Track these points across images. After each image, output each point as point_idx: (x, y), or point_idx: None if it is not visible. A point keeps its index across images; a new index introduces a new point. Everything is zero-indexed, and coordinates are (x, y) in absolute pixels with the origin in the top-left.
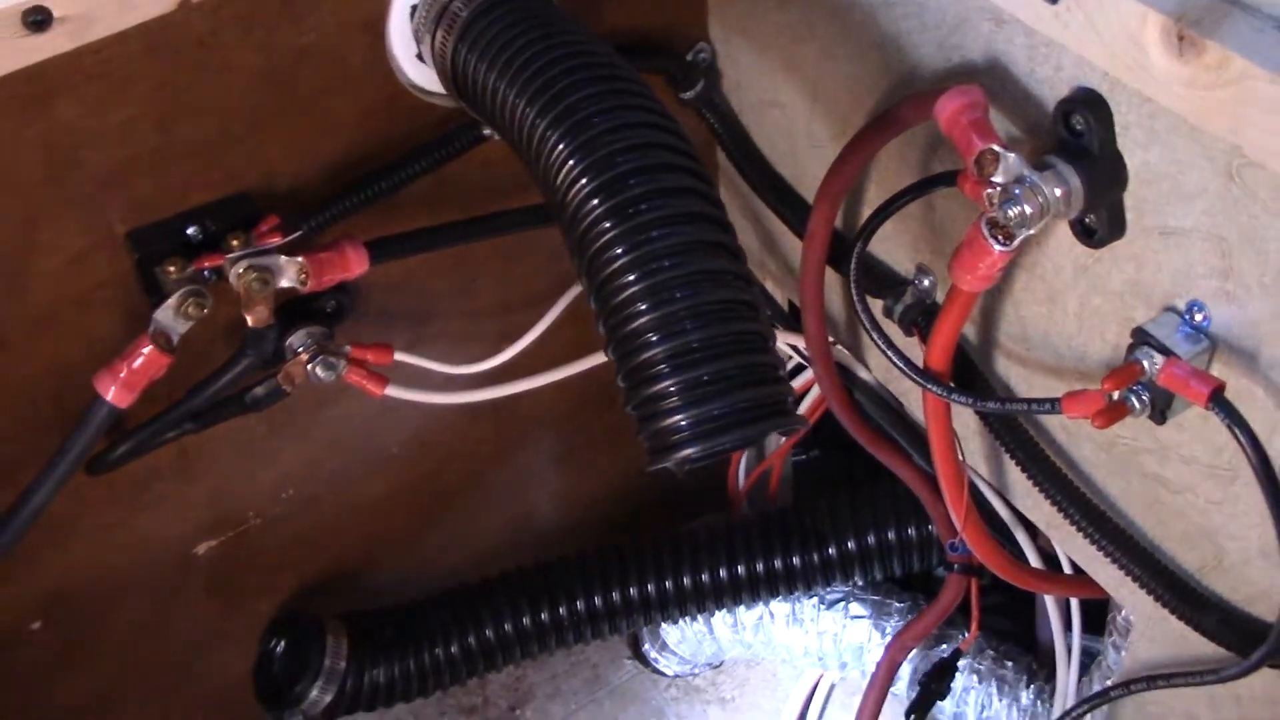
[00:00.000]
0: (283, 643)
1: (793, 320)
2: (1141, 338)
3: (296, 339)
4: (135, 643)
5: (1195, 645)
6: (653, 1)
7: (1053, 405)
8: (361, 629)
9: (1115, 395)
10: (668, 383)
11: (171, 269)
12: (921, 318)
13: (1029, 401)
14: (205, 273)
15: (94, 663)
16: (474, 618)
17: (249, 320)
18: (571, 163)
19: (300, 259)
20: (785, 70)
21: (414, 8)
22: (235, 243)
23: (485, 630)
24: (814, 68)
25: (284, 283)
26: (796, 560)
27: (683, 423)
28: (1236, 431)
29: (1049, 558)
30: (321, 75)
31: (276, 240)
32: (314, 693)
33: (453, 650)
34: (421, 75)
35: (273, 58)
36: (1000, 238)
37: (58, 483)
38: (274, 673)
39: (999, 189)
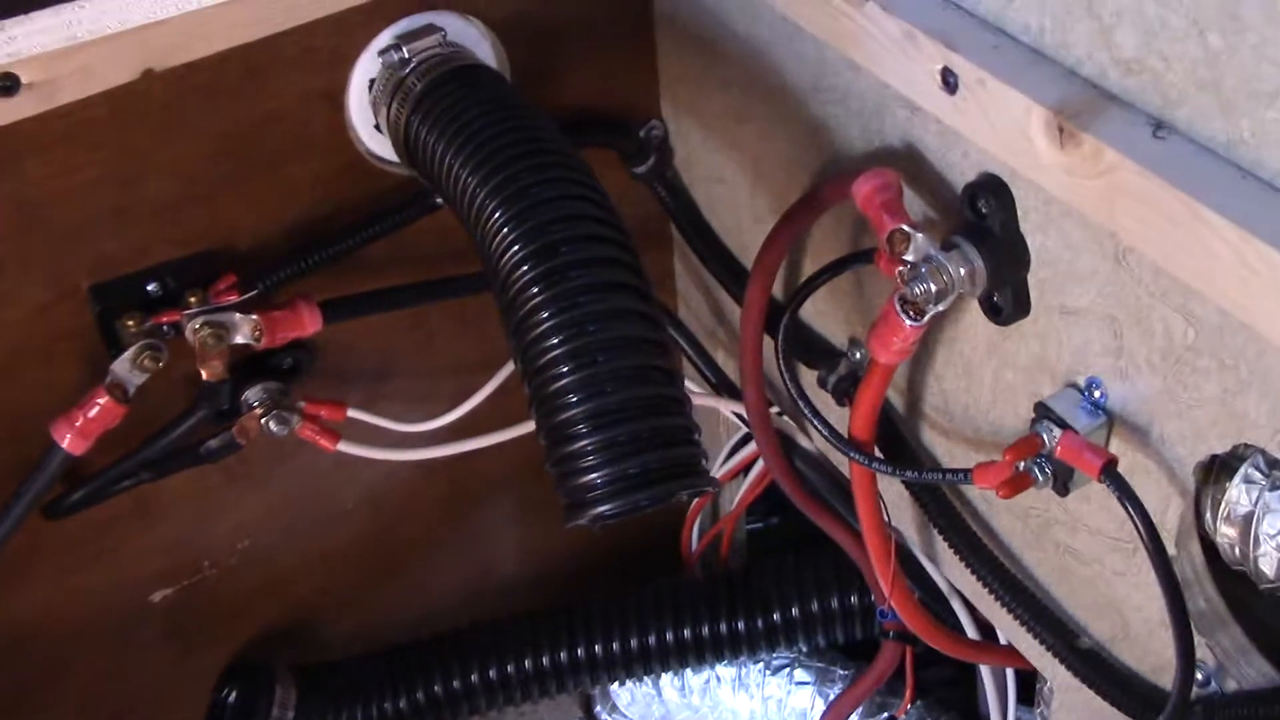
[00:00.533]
0: (234, 692)
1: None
2: (1043, 412)
3: (252, 394)
4: (90, 688)
5: (1109, 715)
6: (607, 80)
7: (965, 475)
8: (312, 680)
9: (1020, 466)
10: (585, 441)
11: (130, 323)
12: (853, 388)
13: (944, 471)
14: (164, 327)
15: (48, 708)
16: (424, 673)
17: (204, 374)
18: (506, 229)
19: (255, 316)
20: (729, 149)
21: (372, 81)
22: (193, 300)
23: (435, 686)
24: (754, 147)
25: (239, 339)
26: (741, 625)
27: (598, 480)
28: (1126, 504)
29: (987, 628)
30: (282, 141)
31: (233, 298)
32: None
33: (401, 705)
34: (378, 144)
35: (235, 123)
36: (911, 313)
37: (12, 525)
38: None
39: (909, 267)
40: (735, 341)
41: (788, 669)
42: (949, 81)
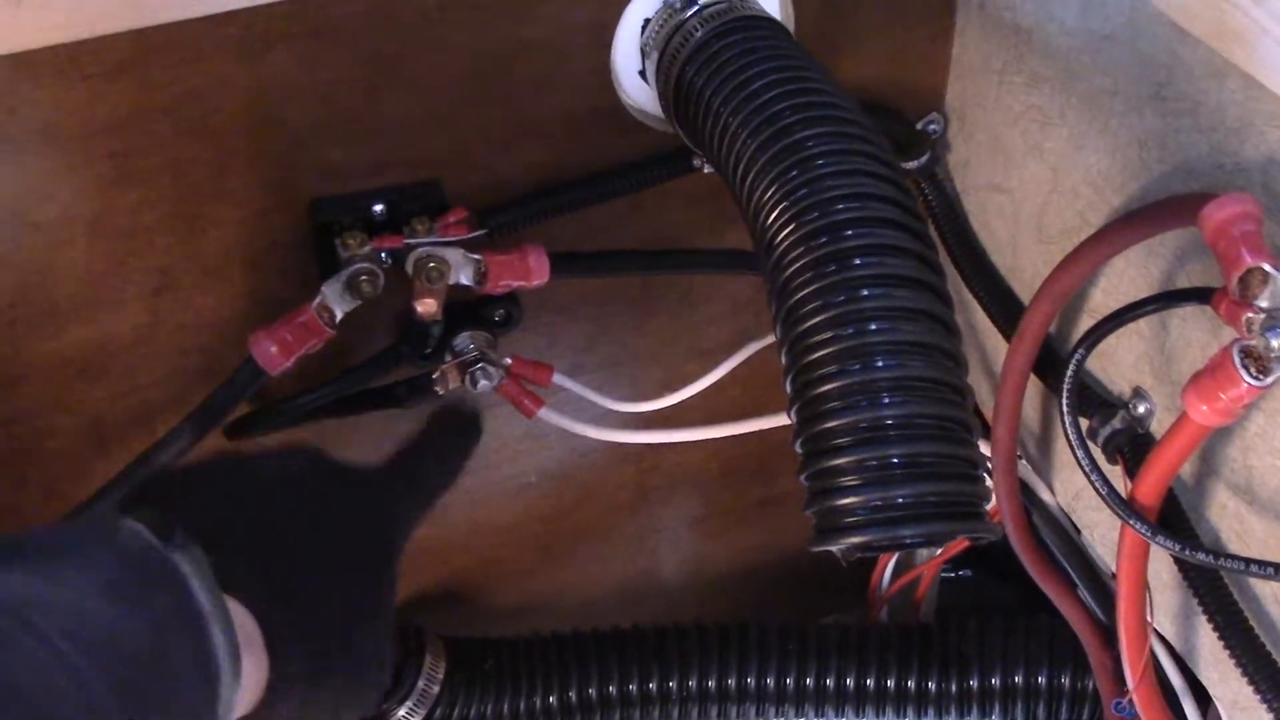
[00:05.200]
0: None
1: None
2: None
3: (460, 341)
4: None
5: None
6: (895, 61)
7: (1277, 571)
8: (463, 655)
9: None
10: (851, 457)
11: (351, 242)
12: (1129, 446)
13: (1248, 561)
14: (382, 254)
15: None
16: (580, 670)
17: (418, 310)
18: (787, 203)
19: (480, 256)
20: (1023, 154)
21: (646, 21)
22: (420, 228)
23: (589, 687)
24: (1057, 156)
25: (460, 279)
26: (933, 684)
27: (860, 505)
28: None
29: None
30: (537, 73)
31: (461, 233)
32: (401, 712)
33: (550, 700)
34: (639, 93)
35: (491, 45)
36: (1253, 370)
37: (193, 439)
38: None
39: (1263, 314)
40: (977, 370)
41: None
42: None
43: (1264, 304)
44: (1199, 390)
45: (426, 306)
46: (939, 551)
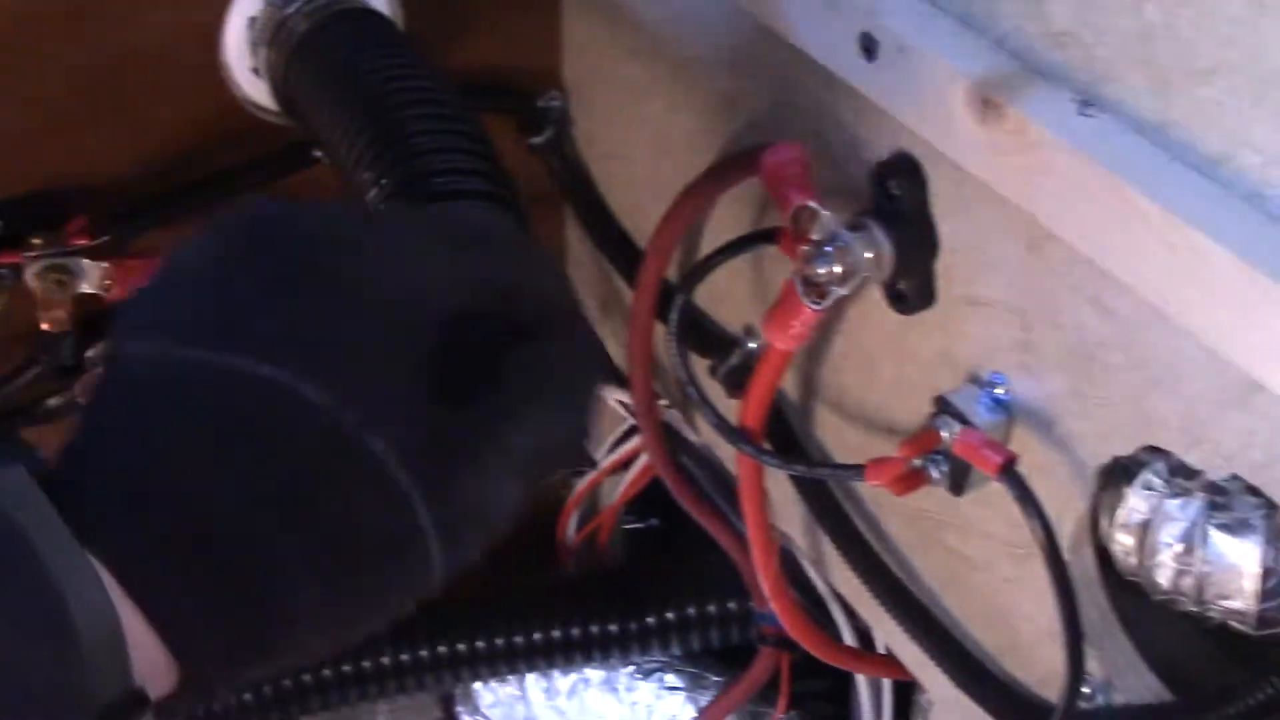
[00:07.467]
0: None
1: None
2: (942, 406)
3: (97, 352)
4: None
5: None
6: (508, 44)
7: (857, 471)
8: None
9: (915, 463)
10: None
11: None
12: (745, 379)
13: (834, 466)
14: (2, 270)
15: None
16: None
17: (44, 324)
18: (377, 171)
19: (106, 264)
20: (631, 122)
21: (253, 19)
22: (37, 241)
23: (283, 678)
24: (659, 121)
25: (86, 287)
26: (614, 627)
27: None
28: (1024, 505)
29: (866, 638)
30: (150, 77)
31: (84, 242)
32: None
33: (246, 696)
34: (256, 90)
35: (99, 53)
36: (813, 296)
37: None
38: None
39: (813, 246)
40: (626, 326)
41: (659, 673)
42: (868, 48)
43: (815, 236)
44: (775, 320)
45: (53, 319)
46: (616, 499)
